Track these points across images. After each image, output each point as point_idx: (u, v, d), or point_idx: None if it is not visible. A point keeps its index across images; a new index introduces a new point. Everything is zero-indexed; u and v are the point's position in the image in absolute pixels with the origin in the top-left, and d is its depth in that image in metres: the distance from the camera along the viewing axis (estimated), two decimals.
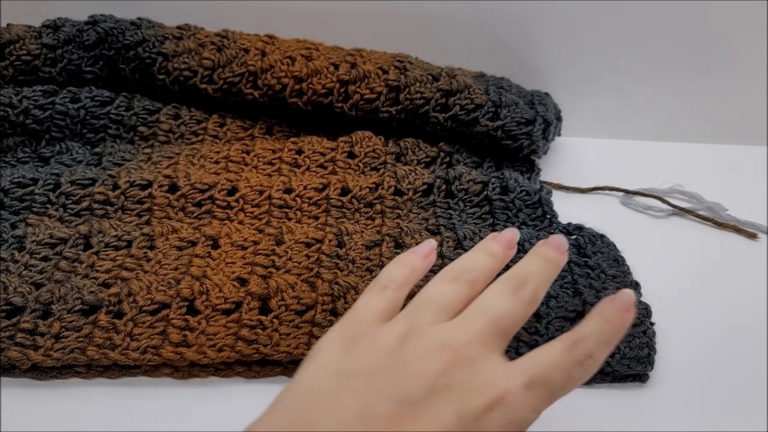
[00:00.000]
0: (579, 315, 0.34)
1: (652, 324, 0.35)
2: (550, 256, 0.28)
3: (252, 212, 0.40)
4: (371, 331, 0.25)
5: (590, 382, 0.34)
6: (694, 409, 0.34)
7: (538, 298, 0.26)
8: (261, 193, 0.41)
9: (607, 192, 0.48)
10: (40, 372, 0.33)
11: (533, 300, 0.26)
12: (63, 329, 0.32)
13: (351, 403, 0.22)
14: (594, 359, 0.24)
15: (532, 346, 0.32)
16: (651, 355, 0.34)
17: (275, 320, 0.34)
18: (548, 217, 0.42)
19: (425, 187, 0.42)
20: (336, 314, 0.34)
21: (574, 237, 0.41)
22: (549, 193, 0.44)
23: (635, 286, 0.38)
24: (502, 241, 0.29)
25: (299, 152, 0.44)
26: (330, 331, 0.26)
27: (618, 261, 0.39)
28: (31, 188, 0.39)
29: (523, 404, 0.23)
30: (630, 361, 0.33)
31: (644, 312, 0.36)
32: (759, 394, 0.34)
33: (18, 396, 0.32)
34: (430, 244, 0.30)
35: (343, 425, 0.22)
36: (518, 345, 0.34)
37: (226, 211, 0.40)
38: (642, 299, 0.37)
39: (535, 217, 0.42)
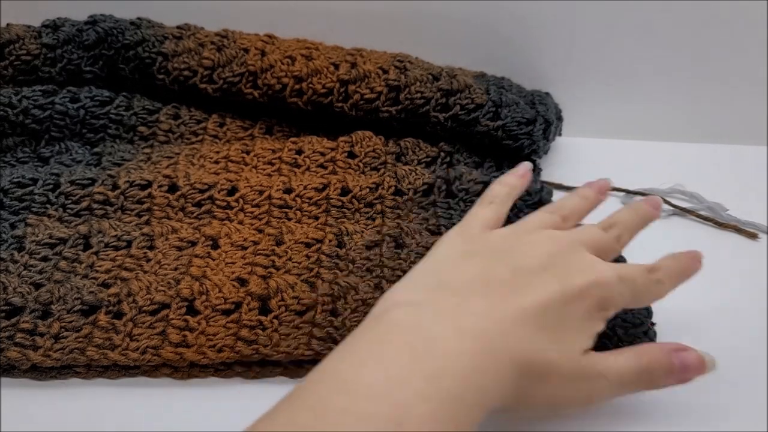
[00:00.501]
0: None
1: (653, 324, 0.35)
2: (641, 209, 0.32)
3: (252, 212, 0.40)
4: (484, 232, 0.30)
5: None
6: (695, 409, 0.33)
7: (622, 240, 0.31)
8: (261, 193, 0.41)
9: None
10: (39, 372, 0.33)
11: (618, 239, 0.31)
12: (62, 329, 0.32)
13: (473, 270, 0.27)
14: (664, 285, 0.29)
15: None
16: None
17: (275, 320, 0.34)
18: None
19: (426, 187, 0.42)
20: (336, 314, 0.34)
21: None
22: (549, 193, 0.43)
23: None
24: (594, 186, 0.34)
25: (299, 152, 0.44)
26: (448, 232, 0.31)
27: (619, 262, 0.39)
28: (31, 188, 0.39)
29: (616, 289, 0.27)
30: None
31: (645, 312, 0.35)
32: (759, 394, 0.34)
33: (18, 396, 0.32)
34: (525, 166, 0.35)
35: (467, 282, 0.26)
36: None
37: (226, 211, 0.40)
38: None
39: None
